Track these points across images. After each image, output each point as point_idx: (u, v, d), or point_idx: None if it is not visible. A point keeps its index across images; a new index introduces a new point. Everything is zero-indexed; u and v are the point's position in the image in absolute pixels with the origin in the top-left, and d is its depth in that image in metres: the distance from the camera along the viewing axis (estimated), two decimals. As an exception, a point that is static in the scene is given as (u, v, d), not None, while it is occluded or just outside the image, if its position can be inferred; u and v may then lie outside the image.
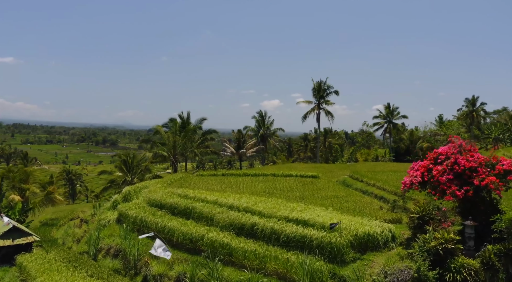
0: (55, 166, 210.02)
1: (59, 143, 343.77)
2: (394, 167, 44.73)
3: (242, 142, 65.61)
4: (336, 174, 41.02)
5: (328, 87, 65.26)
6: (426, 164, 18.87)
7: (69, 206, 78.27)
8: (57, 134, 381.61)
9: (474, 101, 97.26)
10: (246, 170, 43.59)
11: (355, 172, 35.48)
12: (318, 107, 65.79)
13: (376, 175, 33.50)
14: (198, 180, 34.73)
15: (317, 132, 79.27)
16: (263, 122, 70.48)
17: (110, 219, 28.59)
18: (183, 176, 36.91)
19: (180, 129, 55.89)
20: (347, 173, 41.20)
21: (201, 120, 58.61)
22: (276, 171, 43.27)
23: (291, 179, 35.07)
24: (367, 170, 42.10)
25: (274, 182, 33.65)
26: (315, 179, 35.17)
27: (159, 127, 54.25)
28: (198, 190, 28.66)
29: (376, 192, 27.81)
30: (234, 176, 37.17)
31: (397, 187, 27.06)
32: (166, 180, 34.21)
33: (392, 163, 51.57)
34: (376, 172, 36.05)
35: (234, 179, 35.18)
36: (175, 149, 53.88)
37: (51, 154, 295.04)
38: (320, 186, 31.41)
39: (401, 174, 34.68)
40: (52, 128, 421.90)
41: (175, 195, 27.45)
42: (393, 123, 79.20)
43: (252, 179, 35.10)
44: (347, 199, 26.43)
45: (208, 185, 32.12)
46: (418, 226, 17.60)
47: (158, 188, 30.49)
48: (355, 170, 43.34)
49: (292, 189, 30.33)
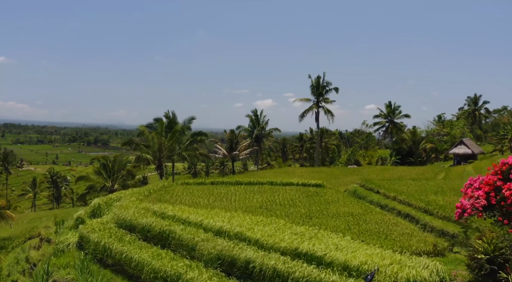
0: (44, 166, 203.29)
1: (50, 143, 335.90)
2: (408, 173, 39.27)
3: (235, 143, 60.00)
4: (342, 181, 35.48)
5: (327, 84, 59.76)
6: (491, 179, 13.24)
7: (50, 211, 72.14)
8: (49, 134, 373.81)
9: (476, 99, 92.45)
10: (239, 177, 37.90)
11: (367, 180, 29.89)
12: (317, 105, 60.18)
13: (392, 184, 27.95)
14: (182, 191, 28.95)
15: (316, 132, 73.63)
16: (257, 122, 64.84)
17: (70, 242, 22.76)
18: (165, 185, 31.10)
19: (166, 130, 50.07)
20: (355, 179, 35.71)
21: (190, 120, 52.82)
22: (274, 177, 37.67)
23: (291, 189, 29.44)
24: (378, 177, 36.63)
25: (272, 192, 27.99)
26: (320, 189, 29.58)
27: (143, 128, 48.37)
28: (180, 206, 22.89)
29: (399, 208, 22.22)
30: (225, 184, 31.46)
31: (426, 202, 21.55)
32: (144, 191, 28.39)
33: (401, 167, 46.24)
34: (391, 180, 30.49)
35: (225, 189, 29.48)
36: (160, 152, 48.05)
37: (42, 154, 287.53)
38: (327, 198, 25.79)
39: (422, 183, 29.17)
40: (43, 128, 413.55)
41: (150, 212, 21.67)
42: (395, 123, 73.97)
43: (246, 189, 29.40)
44: (366, 218, 20.81)
45: (193, 198, 26.36)
46: (487, 273, 12.04)
47: (131, 202, 24.69)
48: (363, 176, 37.87)
49: (294, 202, 24.67)
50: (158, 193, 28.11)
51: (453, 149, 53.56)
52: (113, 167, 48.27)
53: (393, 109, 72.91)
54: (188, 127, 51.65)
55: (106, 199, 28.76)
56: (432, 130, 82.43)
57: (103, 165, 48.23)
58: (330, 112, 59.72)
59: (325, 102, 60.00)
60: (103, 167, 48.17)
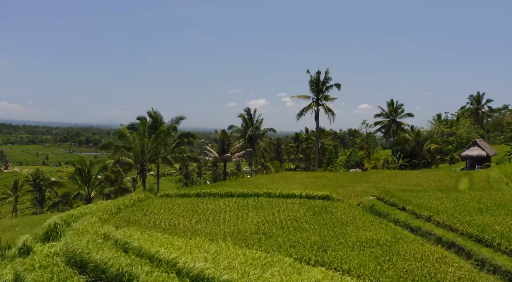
0: (32, 167, 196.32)
1: (41, 143, 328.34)
2: (424, 179, 33.85)
3: (227, 144, 54.37)
4: (351, 191, 29.99)
5: (328, 80, 54.03)
6: None
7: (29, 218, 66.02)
8: (40, 134, 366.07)
9: (479, 98, 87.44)
10: (231, 185, 32.34)
11: (385, 192, 24.37)
12: (317, 103, 54.54)
13: (419, 198, 22.45)
14: (159, 206, 23.26)
15: (315, 132, 68.05)
16: (251, 122, 59.14)
17: (6, 279, 17.05)
18: (140, 199, 25.34)
19: (150, 130, 44.35)
20: (365, 188, 30.31)
21: (177, 120, 47.11)
22: (271, 185, 32.28)
23: (294, 202, 23.87)
24: (390, 184, 31.23)
25: (270, 208, 22.40)
26: (328, 202, 24.04)
27: (123, 128, 42.57)
28: (151, 232, 17.24)
29: (439, 233, 16.70)
30: (213, 197, 25.79)
31: (477, 226, 16.10)
32: (112, 207, 22.63)
33: (412, 171, 40.76)
34: (415, 192, 24.92)
35: (212, 203, 23.83)
36: (143, 155, 42.28)
37: (32, 155, 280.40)
38: (340, 217, 20.26)
39: (455, 196, 23.64)
40: (35, 128, 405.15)
41: (110, 242, 16.03)
42: (397, 122, 68.67)
43: (239, 203, 23.78)
44: (398, 249, 15.29)
45: (172, 216, 20.69)
46: None
47: (91, 224, 19.00)
48: (373, 184, 32.50)
49: (300, 224, 19.09)
50: (130, 210, 22.40)
51: (466, 150, 48.44)
52: (90, 172, 42.46)
53: (395, 108, 67.70)
54: (174, 128, 45.95)
55: (66, 216, 23.04)
56: (434, 130, 77.40)
57: (78, 170, 42.43)
58: (331, 110, 54.23)
59: (325, 100, 54.54)
60: (78, 172, 42.36)
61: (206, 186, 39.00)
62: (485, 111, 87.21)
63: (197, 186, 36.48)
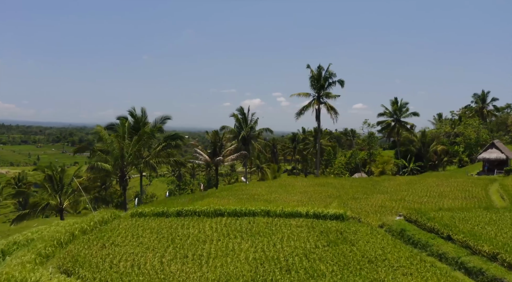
0: (22, 168, 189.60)
1: (33, 143, 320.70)
2: (447, 187, 28.35)
3: (219, 147, 48.75)
4: (366, 203, 24.62)
5: (330, 75, 48.48)
6: None
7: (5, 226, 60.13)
8: (33, 135, 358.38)
9: (484, 96, 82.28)
10: (222, 197, 26.96)
11: (416, 211, 18.94)
12: (318, 101, 48.99)
13: (465, 222, 17.09)
14: (127, 231, 17.72)
15: (315, 133, 62.61)
16: (245, 122, 53.49)
17: None
18: (105, 220, 19.73)
19: (131, 131, 38.76)
20: (382, 200, 24.99)
21: (163, 120, 41.57)
22: (269, 197, 26.95)
23: (300, 224, 18.45)
24: (410, 195, 25.86)
25: (270, 234, 16.96)
26: (343, 224, 18.65)
27: (100, 129, 36.85)
28: None
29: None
30: (197, 216, 20.26)
31: None
32: (64, 234, 17.08)
33: (429, 178, 35.19)
34: (458, 213, 19.44)
35: (196, 226, 18.33)
36: (123, 159, 36.67)
37: (25, 155, 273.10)
38: (364, 250, 14.88)
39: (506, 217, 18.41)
40: (28, 128, 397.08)
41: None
42: (401, 122, 63.35)
43: (230, 226, 18.30)
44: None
45: (139, 249, 15.19)
46: None
47: (22, 264, 13.47)
48: (390, 195, 27.18)
49: (313, 264, 13.62)
50: (86, 238, 16.82)
51: (483, 153, 43.29)
52: (62, 179, 36.78)
53: (399, 107, 62.43)
54: (159, 129, 40.37)
55: (7, 244, 17.53)
56: (440, 130, 72.27)
57: (48, 177, 36.71)
58: (334, 109, 48.71)
59: (327, 97, 49.09)
60: (49, 179, 36.66)
61: (197, 194, 33.53)
62: (490, 110, 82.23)
63: (181, 198, 31.01)
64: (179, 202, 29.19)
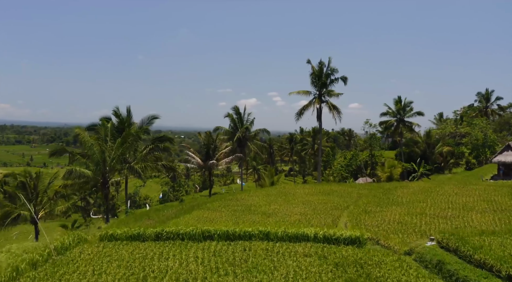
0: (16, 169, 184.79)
1: (28, 143, 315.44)
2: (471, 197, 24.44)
3: (213, 149, 44.90)
4: (382, 219, 20.78)
5: (332, 71, 44.53)
6: None
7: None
8: (27, 134, 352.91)
9: (488, 95, 78.85)
10: (214, 210, 23.15)
11: (454, 237, 15.12)
12: (319, 99, 45.04)
13: None
14: (88, 265, 13.75)
15: (312, 132, 58.78)
16: (240, 122, 49.61)
17: None
18: (66, 245, 15.72)
19: (115, 133, 34.82)
20: (401, 215, 21.20)
21: (150, 120, 37.63)
22: (268, 209, 23.16)
23: (308, 252, 14.58)
24: (433, 208, 22.02)
25: (271, 270, 13.04)
26: (361, 252, 14.84)
27: (79, 131, 32.85)
28: None
29: None
30: (180, 240, 16.35)
31: None
32: (4, 270, 13.18)
33: (447, 184, 31.42)
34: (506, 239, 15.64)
35: (177, 256, 14.42)
36: (104, 164, 32.69)
37: (18, 155, 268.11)
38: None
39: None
40: (23, 128, 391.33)
41: None
42: (405, 122, 59.65)
43: (220, 255, 14.38)
44: None
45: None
46: None
47: None
48: (407, 207, 23.39)
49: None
50: (31, 276, 12.87)
51: (498, 156, 39.70)
52: (37, 186, 32.75)
53: (403, 106, 58.75)
54: (146, 130, 36.43)
55: None
56: (446, 130, 68.65)
57: (21, 184, 32.67)
58: (336, 108, 44.73)
59: (329, 95, 45.14)
60: (22, 187, 32.61)
61: (186, 205, 29.67)
62: (494, 109, 78.81)
63: (167, 209, 27.13)
64: (164, 215, 25.34)
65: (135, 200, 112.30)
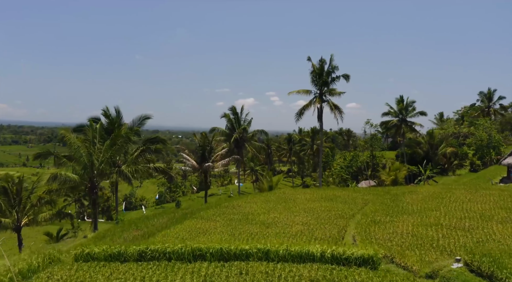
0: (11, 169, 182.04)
1: (25, 143, 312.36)
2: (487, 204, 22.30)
3: (209, 151, 42.68)
4: (394, 230, 18.62)
5: (334, 69, 42.36)
6: None
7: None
8: (24, 134, 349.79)
9: (490, 95, 76.89)
10: (208, 220, 21.04)
11: (484, 260, 12.98)
12: (321, 99, 42.86)
13: None
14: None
15: (311, 133, 56.65)
16: (237, 122, 47.47)
17: None
18: (33, 268, 13.52)
19: (104, 134, 32.58)
20: (414, 227, 19.09)
21: (141, 120, 35.44)
22: (267, 217, 21.03)
23: (314, 276, 12.44)
24: (450, 218, 19.84)
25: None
26: (376, 275, 12.69)
27: (64, 132, 30.63)
28: None
29: None
30: (166, 260, 14.16)
31: None
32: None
33: (456, 188, 29.35)
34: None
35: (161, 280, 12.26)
36: (92, 168, 30.45)
37: (15, 155, 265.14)
38: None
39: None
40: (20, 128, 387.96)
41: None
42: (407, 122, 57.60)
43: (211, 280, 12.25)
44: None
45: None
46: None
47: None
48: (420, 215, 21.25)
49: None
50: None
51: (508, 158, 37.68)
52: (19, 192, 30.46)
53: (405, 106, 56.70)
54: (136, 132, 34.16)
55: None
56: (446, 130, 66.64)
57: (3, 189, 30.38)
58: (338, 108, 42.54)
59: (330, 94, 42.94)
60: (4, 192, 30.33)
61: (178, 213, 27.47)
62: (496, 109, 76.82)
63: (158, 218, 24.91)
64: (153, 225, 23.12)
65: (131, 201, 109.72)
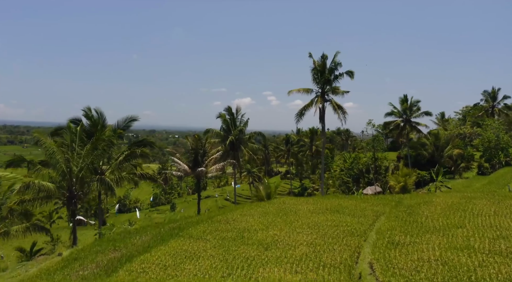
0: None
1: (20, 144, 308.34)
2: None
3: (202, 154, 39.37)
4: (415, 256, 15.27)
5: (336, 66, 39.08)
6: None
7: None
8: (20, 135, 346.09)
9: (494, 94, 74.01)
10: (199, 239, 17.83)
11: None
12: (323, 98, 39.60)
13: None
14: None
15: (310, 133, 53.45)
16: (233, 123, 44.16)
17: None
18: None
19: (85, 137, 29.19)
20: (442, 251, 15.78)
21: (127, 122, 32.05)
22: (265, 235, 17.72)
23: None
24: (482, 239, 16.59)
25: None
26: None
27: (38, 135, 27.25)
28: None
29: None
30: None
31: None
32: None
33: (476, 198, 26.15)
34: None
35: None
36: (71, 175, 27.06)
37: (10, 156, 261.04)
38: None
39: None
40: (15, 128, 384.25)
41: None
42: (412, 123, 54.51)
43: None
44: None
45: None
46: None
47: None
48: (444, 234, 17.99)
49: None
50: None
51: (526, 162, 34.75)
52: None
53: (410, 106, 53.69)
54: (119, 135, 30.76)
55: None
56: (452, 131, 63.61)
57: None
58: (342, 108, 39.24)
59: (333, 93, 39.69)
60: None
61: (165, 229, 24.23)
62: (500, 108, 73.92)
63: (140, 233, 21.56)
64: (134, 244, 19.80)
65: (125, 203, 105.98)
